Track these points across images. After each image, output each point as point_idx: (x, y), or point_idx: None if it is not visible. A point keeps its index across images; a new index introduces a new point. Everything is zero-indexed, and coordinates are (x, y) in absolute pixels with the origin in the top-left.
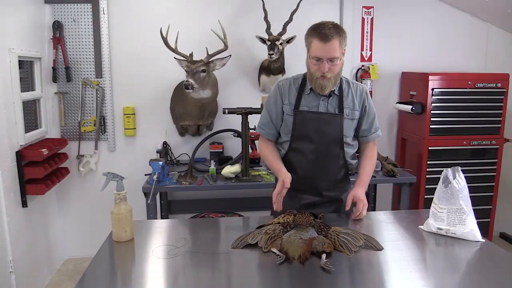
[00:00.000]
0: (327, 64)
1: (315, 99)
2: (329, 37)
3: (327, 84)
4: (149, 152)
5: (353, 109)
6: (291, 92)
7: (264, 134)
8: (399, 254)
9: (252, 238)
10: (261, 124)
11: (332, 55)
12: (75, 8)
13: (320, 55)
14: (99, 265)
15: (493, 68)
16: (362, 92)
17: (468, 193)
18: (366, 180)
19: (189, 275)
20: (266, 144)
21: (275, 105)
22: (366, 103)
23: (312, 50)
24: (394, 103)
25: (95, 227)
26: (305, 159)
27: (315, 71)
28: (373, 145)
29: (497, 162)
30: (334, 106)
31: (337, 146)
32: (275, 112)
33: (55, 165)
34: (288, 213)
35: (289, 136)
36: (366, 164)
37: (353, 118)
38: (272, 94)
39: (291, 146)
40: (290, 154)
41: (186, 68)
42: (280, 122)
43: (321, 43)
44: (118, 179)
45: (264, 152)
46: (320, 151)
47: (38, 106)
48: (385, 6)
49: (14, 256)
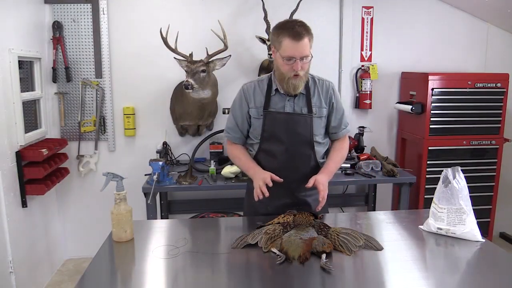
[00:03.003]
0: (300, 63)
1: (281, 100)
2: (301, 35)
3: (299, 84)
4: (149, 152)
5: (320, 106)
6: (257, 95)
7: (231, 138)
8: (399, 254)
9: (252, 238)
10: (227, 128)
11: (305, 53)
12: (75, 8)
13: (293, 54)
14: (99, 265)
15: (493, 68)
16: (329, 89)
17: (468, 193)
18: (331, 168)
19: (189, 275)
20: (235, 147)
21: (241, 109)
22: (333, 100)
23: (284, 49)
24: (394, 103)
25: (95, 227)
26: (275, 160)
27: (287, 71)
28: (344, 138)
29: (497, 162)
30: (300, 106)
31: (308, 147)
32: (240, 116)
33: (55, 165)
34: (288, 213)
35: (258, 138)
36: (334, 155)
37: (321, 115)
38: (237, 98)
39: (261, 148)
40: (260, 156)
41: (186, 68)
42: (246, 126)
43: (293, 42)
44: (118, 179)
45: (234, 153)
46: (290, 152)
47: (38, 106)
48: (385, 6)
49: (14, 256)
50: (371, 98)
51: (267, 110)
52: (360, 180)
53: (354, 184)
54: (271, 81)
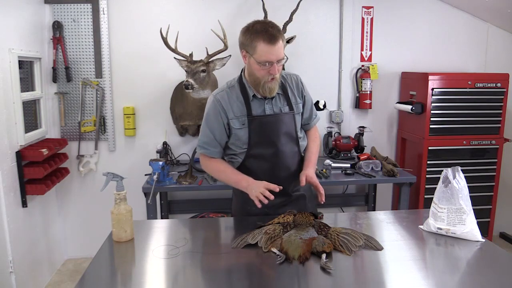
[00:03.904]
0: (276, 66)
1: (260, 104)
2: (276, 38)
3: (275, 86)
4: (149, 152)
5: (296, 102)
6: (233, 104)
7: (209, 153)
8: (399, 254)
9: (252, 238)
10: (203, 143)
11: (281, 56)
12: (75, 8)
13: (270, 58)
14: (99, 265)
15: (493, 68)
16: (298, 82)
17: (468, 193)
18: (314, 160)
19: (189, 275)
20: (214, 161)
21: (217, 121)
22: (304, 92)
23: (259, 54)
24: (394, 103)
25: (95, 227)
26: (265, 163)
27: (263, 75)
28: (315, 128)
29: (497, 162)
30: (279, 106)
31: (294, 143)
32: (218, 129)
33: (55, 165)
34: (288, 213)
35: (244, 146)
36: (311, 146)
37: (299, 111)
38: (211, 110)
39: (249, 153)
40: (249, 161)
41: (186, 68)
42: (225, 138)
43: (269, 45)
44: (118, 179)
45: (216, 167)
46: (280, 152)
47: (38, 106)
48: (385, 6)
49: (14, 256)
50: (371, 98)
51: (251, 116)
52: (360, 180)
53: (354, 184)
54: (245, 86)
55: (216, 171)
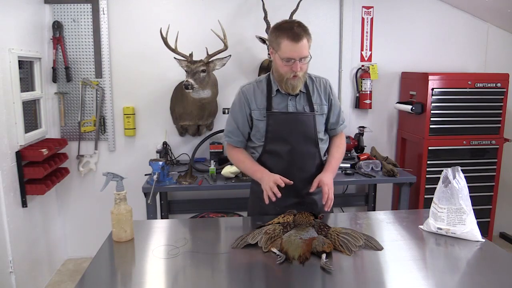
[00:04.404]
0: (299, 64)
1: (283, 99)
2: (300, 36)
3: (298, 84)
4: (149, 152)
5: (321, 104)
6: (257, 97)
7: (232, 142)
8: (399, 254)
9: (252, 238)
10: (227, 132)
11: (304, 54)
12: (75, 8)
13: (292, 55)
14: (99, 265)
15: (493, 68)
16: (326, 86)
17: (468, 193)
18: (334, 166)
19: (189, 275)
20: (237, 150)
21: (241, 112)
22: (331, 96)
23: (283, 51)
24: (394, 103)
25: (95, 227)
26: (281, 160)
27: (286, 72)
28: (341, 134)
29: (497, 162)
30: (302, 104)
31: (312, 145)
32: (241, 119)
33: (55, 165)
34: (288, 213)
35: (262, 139)
36: (335, 151)
37: (323, 113)
38: (236, 101)
39: (265, 149)
40: (265, 157)
41: (186, 68)
42: (247, 129)
43: (292, 43)
44: (118, 179)
45: (237, 157)
46: (295, 151)
47: (38, 106)
48: (385, 6)
49: (14, 256)
50: (371, 98)
51: (270, 111)
52: (360, 180)
53: (354, 184)
54: (270, 82)
55: (236, 160)
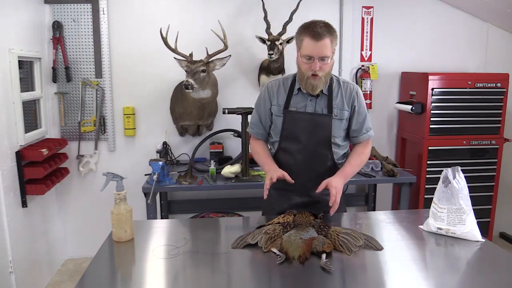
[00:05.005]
0: (318, 63)
1: (303, 99)
2: (321, 36)
3: (318, 84)
4: (149, 152)
5: (342, 109)
6: (280, 93)
7: (254, 133)
8: (399, 254)
9: (252, 238)
10: (251, 123)
11: (324, 53)
12: (75, 8)
13: (312, 53)
14: (99, 265)
15: (493, 68)
16: (352, 92)
17: (468, 193)
18: (348, 172)
19: (189, 275)
20: (257, 142)
21: (264, 105)
22: (355, 103)
23: (304, 48)
24: (394, 103)
25: (95, 227)
26: (293, 159)
27: (306, 70)
28: (366, 143)
29: (497, 162)
30: (322, 106)
31: (325, 147)
32: (263, 113)
33: (55, 165)
34: (288, 213)
35: (278, 136)
36: (352, 158)
37: (342, 118)
38: (261, 95)
39: (280, 146)
40: (279, 154)
41: (186, 68)
42: (269, 123)
43: (312, 41)
44: (118, 179)
45: (255, 149)
46: (308, 151)
47: (38, 106)
48: (385, 6)
49: (14, 256)
50: (371, 98)
51: (286, 110)
52: (360, 180)
53: (354, 184)
54: (295, 80)
55: (254, 152)
